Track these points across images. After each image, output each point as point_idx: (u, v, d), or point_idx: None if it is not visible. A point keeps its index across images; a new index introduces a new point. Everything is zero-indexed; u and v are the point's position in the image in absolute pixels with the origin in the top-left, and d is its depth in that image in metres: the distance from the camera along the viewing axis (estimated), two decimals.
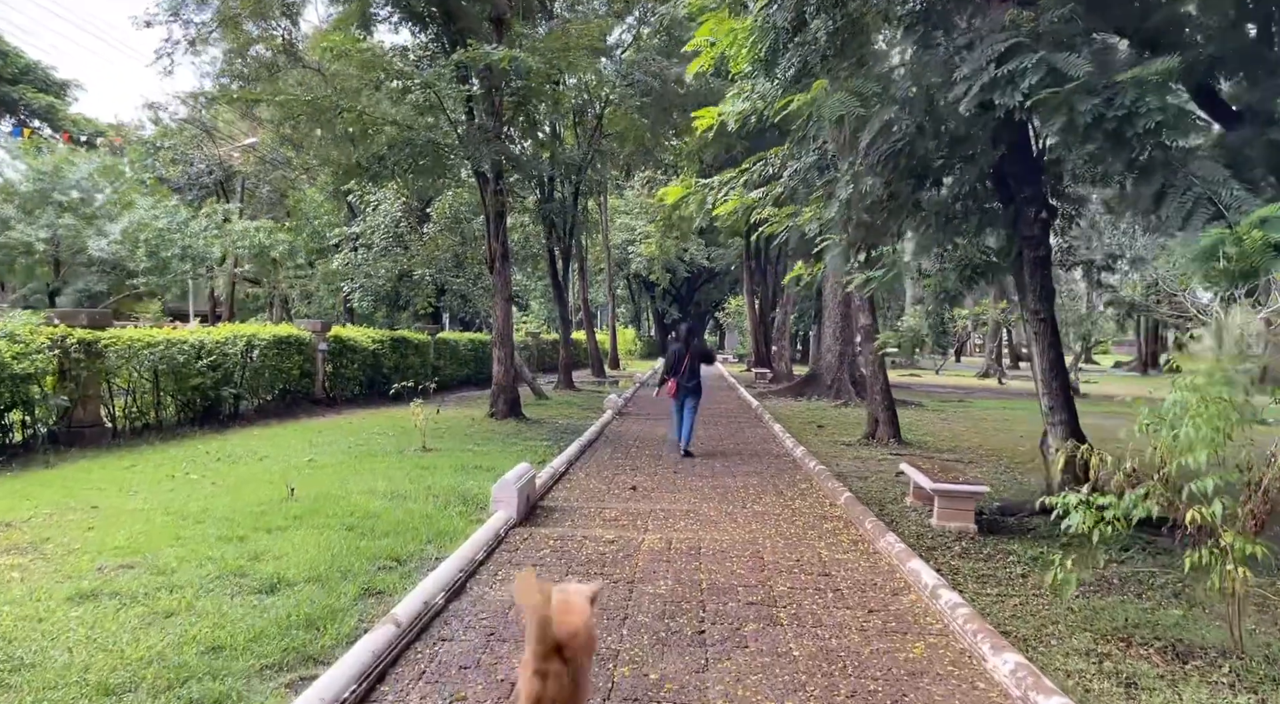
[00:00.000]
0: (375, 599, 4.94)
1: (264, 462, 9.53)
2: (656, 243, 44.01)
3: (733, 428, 15.45)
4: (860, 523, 7.36)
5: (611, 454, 11.59)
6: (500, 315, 14.86)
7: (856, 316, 14.88)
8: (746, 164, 8.17)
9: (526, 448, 11.39)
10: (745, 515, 7.77)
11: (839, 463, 11.27)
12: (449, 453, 10.55)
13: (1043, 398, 8.14)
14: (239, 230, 22.00)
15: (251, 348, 13.66)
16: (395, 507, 7.22)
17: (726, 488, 9.17)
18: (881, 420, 13.93)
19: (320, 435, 11.99)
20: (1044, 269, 7.91)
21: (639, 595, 5.28)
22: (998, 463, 11.86)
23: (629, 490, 8.87)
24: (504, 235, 14.86)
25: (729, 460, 11.27)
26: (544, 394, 19.65)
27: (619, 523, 7.33)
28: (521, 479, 7.38)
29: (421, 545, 6.11)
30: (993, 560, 6.55)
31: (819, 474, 9.88)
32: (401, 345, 19.41)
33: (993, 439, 14.77)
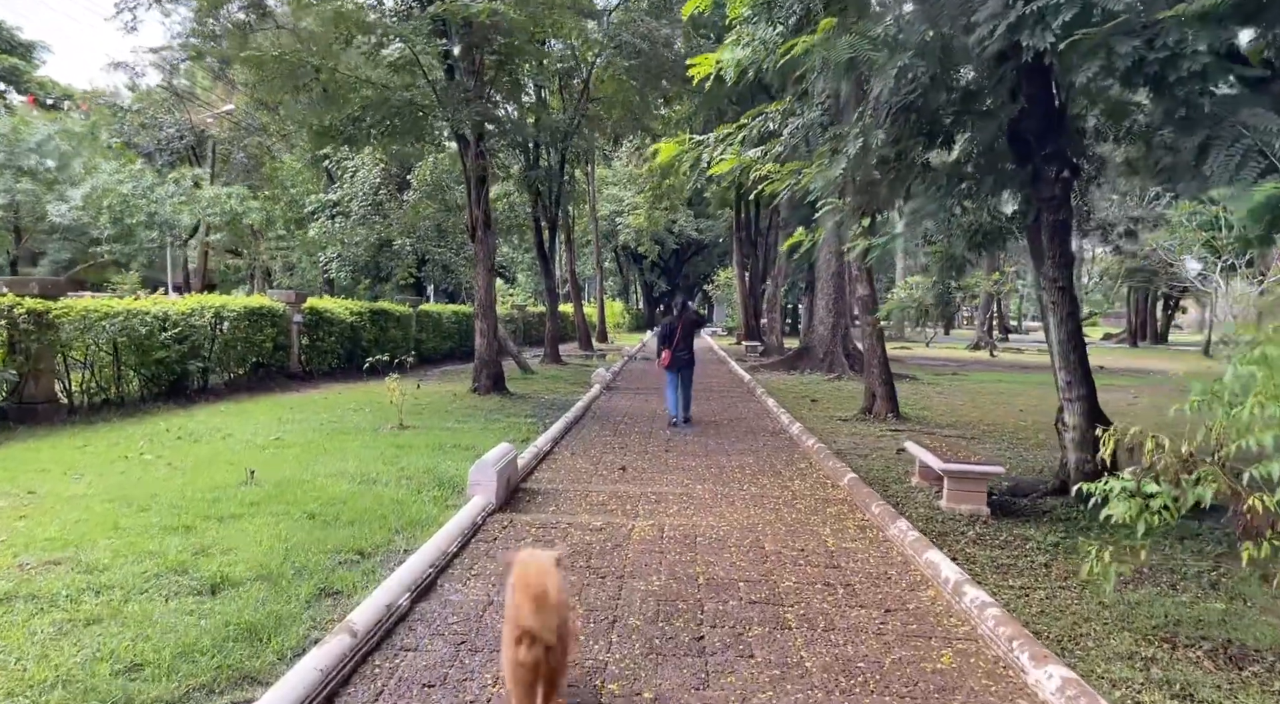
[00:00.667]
0: (332, 601, 4.37)
1: (227, 440, 8.92)
2: (645, 214, 43.27)
3: (725, 403, 14.92)
4: (866, 507, 6.85)
5: (599, 431, 11.04)
6: (482, 286, 14.22)
7: (854, 287, 14.32)
8: (745, 119, 7.56)
9: (509, 425, 10.82)
10: (742, 498, 7.24)
11: (836, 439, 10.76)
12: (427, 431, 9.97)
13: (1059, 372, 7.62)
14: (209, 196, 21.12)
15: (221, 320, 12.99)
16: (364, 491, 6.65)
17: (721, 468, 8.64)
18: (879, 395, 13.42)
19: (292, 412, 11.37)
20: (1064, 234, 7.35)
21: (629, 593, 4.74)
22: (1000, 439, 11.39)
23: (618, 471, 8.33)
24: (486, 202, 14.17)
25: (722, 438, 10.74)
26: (529, 368, 19.06)
27: (607, 508, 6.79)
28: (501, 461, 6.82)
29: (389, 536, 5.55)
30: (1010, 547, 6.04)
31: (818, 452, 9.36)
32: (381, 318, 18.74)
33: (991, 414, 14.31)
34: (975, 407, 15.36)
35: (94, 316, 10.49)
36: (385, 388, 10.28)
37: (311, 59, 11.90)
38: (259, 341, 14.20)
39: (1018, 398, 17.40)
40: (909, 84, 6.61)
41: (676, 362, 11.70)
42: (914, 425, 12.47)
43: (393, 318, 19.33)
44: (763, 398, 15.28)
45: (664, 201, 40.60)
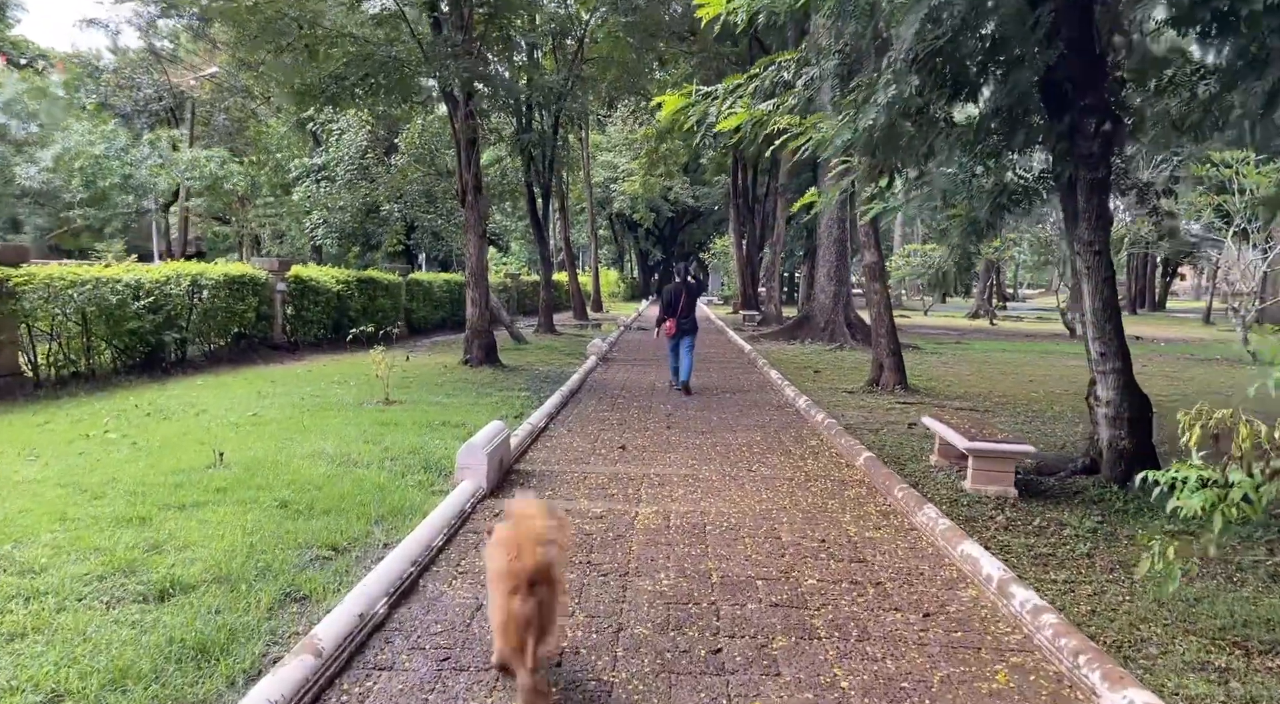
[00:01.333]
0: (298, 608, 3.84)
1: (200, 417, 8.36)
2: (640, 180, 42.47)
3: (726, 375, 14.39)
4: (888, 490, 6.34)
5: (596, 406, 10.50)
6: (473, 253, 13.59)
7: (861, 253, 13.74)
8: (756, 68, 6.93)
9: (502, 400, 10.27)
10: (752, 480, 6.73)
11: (844, 413, 10.26)
12: (414, 406, 9.42)
13: (1093, 343, 7.07)
14: (188, 160, 20.30)
15: (198, 288, 12.36)
16: (342, 475, 6.11)
17: (727, 446, 8.11)
18: (887, 366, 12.90)
19: (273, 385, 10.80)
20: (1102, 193, 6.77)
21: (635, 595, 4.22)
22: (1015, 412, 10.89)
23: (618, 450, 7.80)
24: (476, 165, 13.49)
25: (726, 412, 10.22)
26: (523, 338, 18.48)
27: (608, 492, 6.26)
28: (492, 442, 6.28)
29: (368, 527, 5.01)
30: (1046, 534, 5.55)
31: (828, 428, 8.84)
32: (370, 286, 18.10)
33: (1001, 385, 13.82)
34: (983, 377, 14.88)
35: (59, 284, 9.87)
36: (371, 360, 9.70)
37: (290, 9, 11.16)
38: (240, 311, 13.59)
39: (1025, 368, 16.92)
40: (936, 28, 6.00)
41: (679, 331, 11.70)
42: (923, 398, 11.98)
43: (381, 287, 18.70)
44: (765, 369, 14.75)
45: (660, 168, 39.81)
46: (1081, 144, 6.62)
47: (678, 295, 11.72)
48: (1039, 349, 22.38)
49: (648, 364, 15.71)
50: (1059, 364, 17.91)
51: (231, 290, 13.31)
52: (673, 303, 11.71)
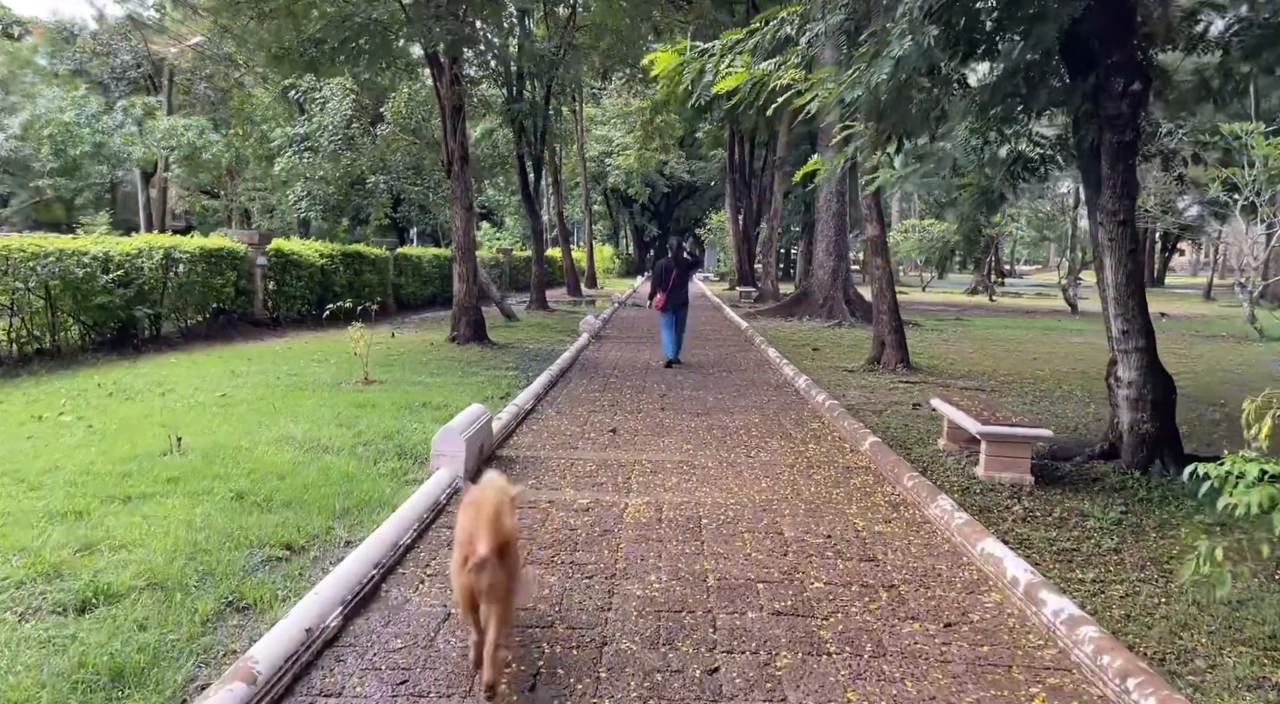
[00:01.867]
0: (239, 620, 3.40)
1: (166, 397, 7.89)
2: (635, 154, 41.74)
3: (722, 353, 13.94)
4: (897, 478, 5.90)
5: (587, 386, 10.05)
6: (460, 226, 13.07)
7: (862, 227, 13.26)
8: (757, 22, 6.41)
9: (488, 379, 9.81)
10: (751, 467, 6.29)
11: (846, 393, 9.83)
12: (395, 386, 8.96)
13: (1114, 320, 6.63)
14: (165, 128, 19.60)
15: (172, 262, 11.83)
16: (309, 462, 5.65)
17: (724, 429, 7.67)
18: (888, 343, 12.46)
19: (249, 363, 10.33)
20: (1128, 157, 6.29)
21: (622, 601, 3.79)
22: (1021, 391, 10.48)
23: (608, 434, 7.35)
24: (463, 134, 12.93)
25: (723, 393, 9.78)
26: (514, 315, 17.99)
27: (595, 480, 5.82)
28: (472, 426, 5.82)
29: (330, 522, 4.57)
30: (1068, 527, 5.13)
31: (830, 410, 8.40)
32: (355, 261, 17.56)
33: (1005, 363, 13.40)
34: (986, 355, 14.45)
35: (19, 257, 9.35)
36: (350, 337, 9.22)
37: None
38: (218, 286, 13.07)
39: (1028, 345, 16.51)
40: None
41: (672, 303, 11.74)
42: (926, 377, 11.56)
43: (368, 261, 18.16)
44: (762, 347, 14.30)
45: (655, 141, 39.09)
46: (1108, 105, 6.13)
47: (669, 269, 11.82)
48: (1040, 326, 21.97)
49: (642, 342, 15.25)
50: (1062, 341, 17.50)
51: (209, 264, 12.79)
52: (664, 277, 11.81)
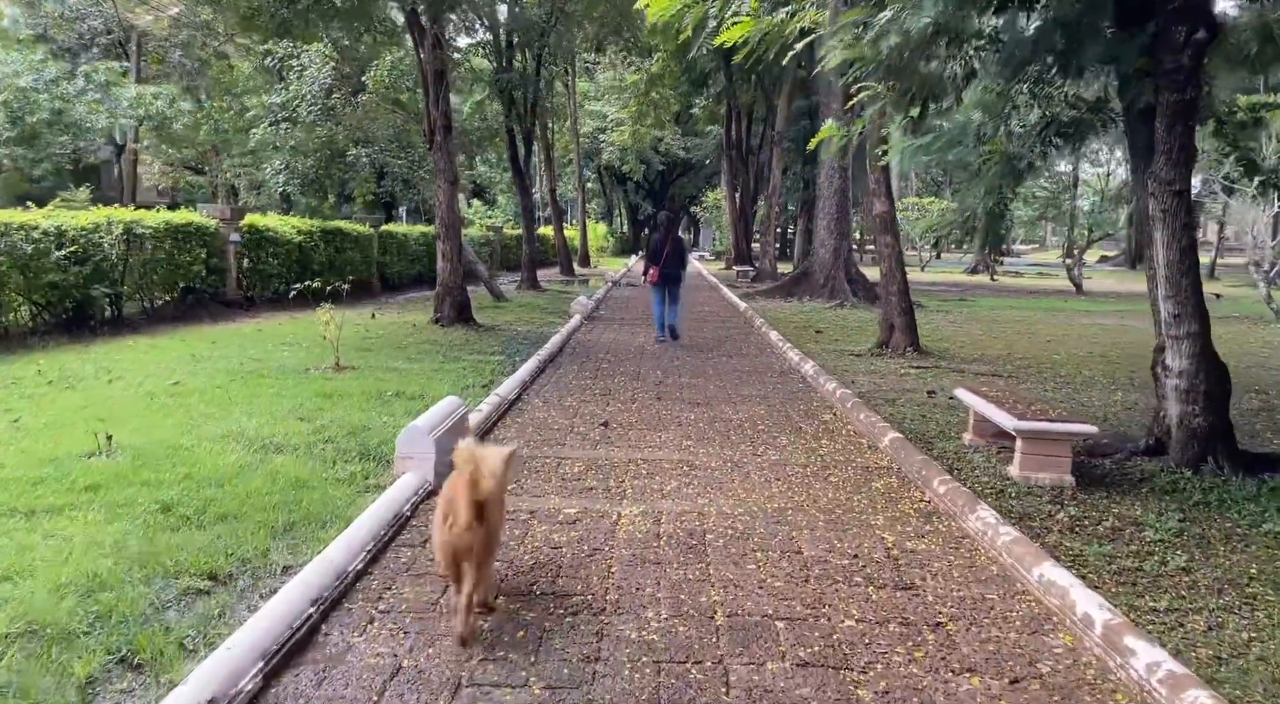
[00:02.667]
0: (128, 682, 2.70)
1: (112, 386, 7.16)
2: (630, 130, 40.78)
3: (722, 336, 13.23)
4: (925, 482, 5.23)
5: (578, 372, 9.34)
6: (443, 200, 12.30)
7: (869, 203, 12.53)
8: None
9: (471, 365, 9.09)
10: (759, 468, 5.60)
11: (855, 380, 9.16)
12: (369, 372, 8.24)
13: (1164, 302, 5.94)
14: (131, 96, 18.64)
15: (134, 237, 11.05)
16: (257, 464, 4.95)
17: (728, 422, 6.98)
18: (898, 326, 11.77)
19: (214, 347, 9.59)
20: (1187, 118, 5.57)
21: (613, 648, 3.10)
22: (1040, 377, 9.83)
23: (599, 428, 6.64)
24: (445, 102, 12.13)
25: (724, 380, 9.08)
26: (502, 296, 17.23)
27: (585, 485, 5.13)
28: (444, 422, 5.12)
29: (268, 542, 3.87)
30: (1123, 539, 4.47)
31: (842, 400, 7.71)
32: (336, 238, 16.74)
33: (1017, 346, 12.74)
34: (997, 338, 13.79)
35: None
36: (317, 319, 8.48)
37: None
38: (185, 264, 12.29)
39: (1038, 327, 15.85)
40: None
41: (665, 278, 11.68)
42: (938, 361, 10.90)
43: (350, 238, 17.35)
44: (763, 330, 13.60)
45: (650, 117, 38.13)
46: (1166, 58, 5.40)
47: (662, 244, 11.84)
48: (1046, 306, 21.32)
49: (636, 323, 14.53)
50: (1073, 322, 16.84)
51: (176, 241, 12.00)
52: (657, 252, 11.80)
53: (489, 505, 3.06)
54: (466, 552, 2.99)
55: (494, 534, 3.18)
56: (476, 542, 3.00)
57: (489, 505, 3.06)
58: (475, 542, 2.99)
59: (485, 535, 3.04)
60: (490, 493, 3.07)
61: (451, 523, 3.00)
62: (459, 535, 2.98)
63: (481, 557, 3.04)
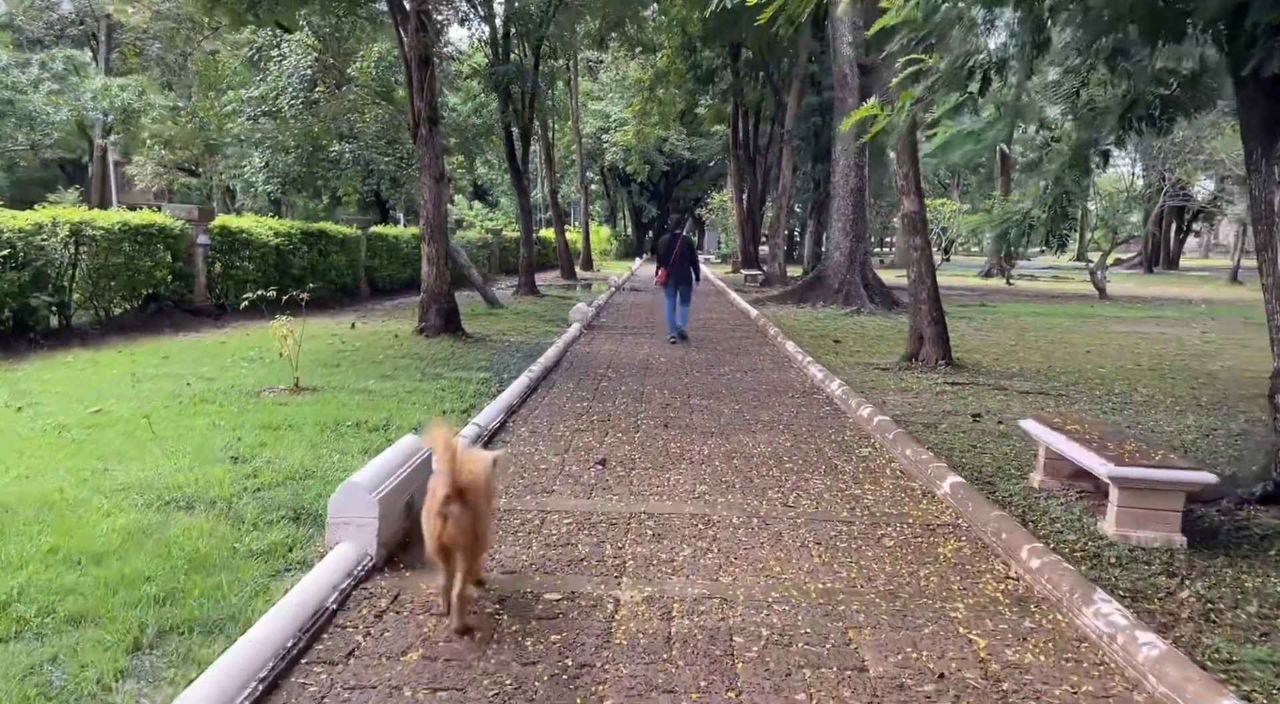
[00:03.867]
0: None
1: (21, 415, 6.07)
2: (634, 130, 39.73)
3: (733, 347, 12.11)
4: (1009, 548, 4.10)
5: (574, 392, 8.23)
6: (428, 199, 11.21)
7: (898, 202, 11.46)
8: None
9: (452, 384, 8.00)
10: (793, 525, 4.49)
11: (885, 399, 8.09)
12: (331, 394, 7.15)
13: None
14: (96, 88, 17.52)
15: (84, 240, 9.98)
16: (154, 528, 3.85)
17: (748, 458, 5.87)
18: (928, 337, 10.67)
19: (163, 363, 8.52)
20: None
21: None
22: (1092, 395, 8.74)
23: (595, 467, 5.54)
24: (431, 92, 11.05)
25: (739, 401, 7.97)
26: (497, 302, 16.13)
27: (573, 553, 4.01)
28: (395, 475, 4.01)
29: (124, 662, 2.77)
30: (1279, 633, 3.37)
31: (880, 430, 6.60)
32: (319, 240, 15.67)
33: (1056, 357, 11.64)
34: (1031, 348, 12.68)
35: None
36: (273, 332, 7.37)
37: None
38: (146, 269, 11.22)
39: (1071, 336, 14.72)
40: None
41: (675, 278, 11.86)
42: (974, 376, 9.81)
43: (335, 241, 16.28)
44: (778, 340, 12.49)
45: (654, 116, 37.05)
46: None
47: (672, 245, 11.96)
48: (1073, 312, 20.14)
49: (640, 332, 13.43)
50: (1107, 330, 15.69)
51: (135, 244, 10.94)
52: (667, 253, 11.94)
53: (470, 490, 3.06)
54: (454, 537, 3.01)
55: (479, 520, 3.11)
56: (463, 526, 3.00)
57: (470, 490, 3.06)
58: (462, 526, 3.00)
59: (471, 520, 3.04)
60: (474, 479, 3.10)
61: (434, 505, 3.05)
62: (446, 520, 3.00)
63: (467, 543, 3.04)
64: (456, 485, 3.02)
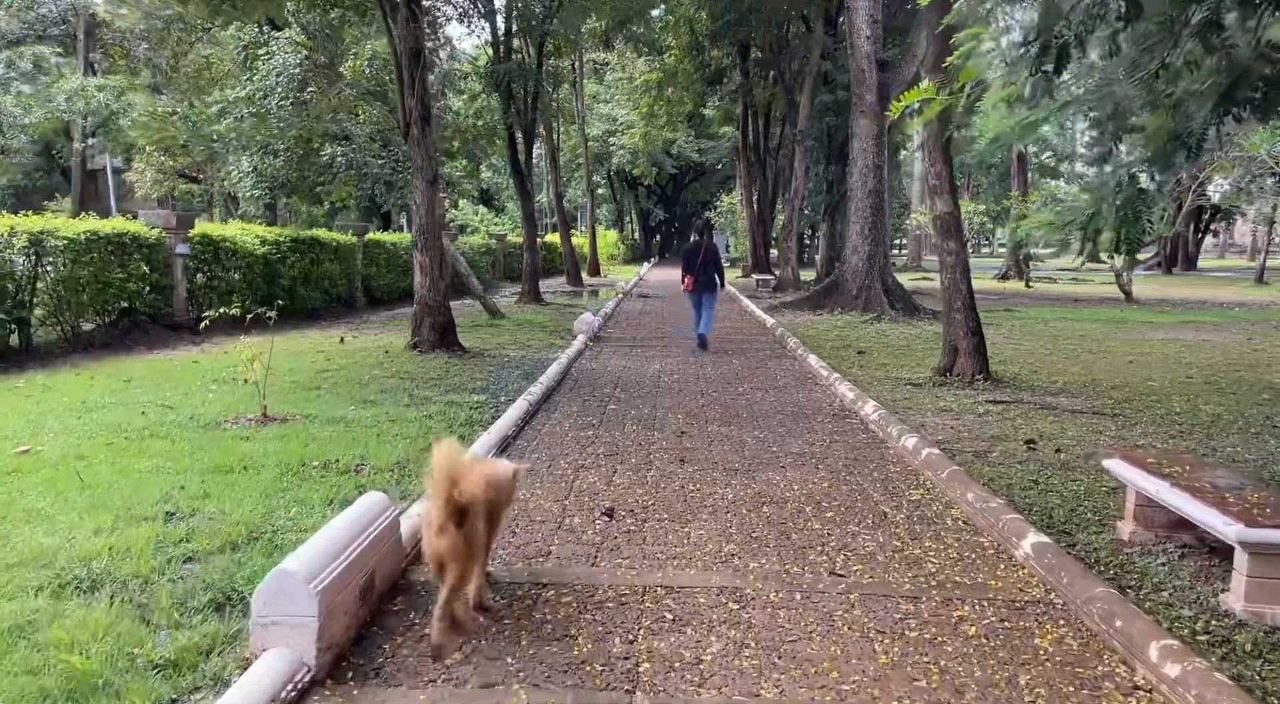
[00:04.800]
0: None
1: None
2: (641, 132, 38.93)
3: (751, 361, 11.24)
4: (1131, 643, 3.20)
5: (577, 418, 7.37)
6: (421, 203, 10.39)
7: (929, 202, 10.60)
8: None
9: (441, 410, 7.16)
10: (845, 605, 3.61)
11: (924, 420, 7.24)
12: (304, 425, 6.32)
13: None
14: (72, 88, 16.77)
15: (46, 251, 9.19)
16: (38, 624, 3.02)
17: (780, 503, 4.99)
18: (963, 349, 9.79)
19: (122, 387, 7.71)
20: None
21: None
22: (1152, 415, 7.89)
23: (600, 518, 4.68)
24: (423, 86, 10.23)
25: (764, 427, 7.10)
26: (498, 311, 15.29)
27: (571, 654, 3.14)
28: (344, 556, 3.14)
29: None
30: None
31: (930, 465, 5.71)
32: (312, 248, 14.86)
33: (1099, 369, 10.74)
34: (1068, 357, 11.78)
35: None
36: (238, 356, 6.55)
37: None
38: (118, 281, 10.43)
39: (1109, 344, 13.80)
40: None
41: (699, 286, 12.05)
42: (1015, 392, 8.97)
43: (328, 249, 15.47)
44: (799, 353, 11.61)
45: (661, 118, 36.23)
46: None
47: (696, 253, 12.10)
48: (1103, 317, 19.15)
49: (650, 343, 12.58)
50: (1145, 338, 14.73)
51: (105, 254, 10.14)
52: (690, 261, 12.09)
53: (468, 509, 3.04)
54: (446, 555, 3.01)
55: (473, 539, 3.08)
56: (455, 546, 3.00)
57: (468, 509, 3.04)
58: (455, 546, 2.99)
59: (465, 540, 3.02)
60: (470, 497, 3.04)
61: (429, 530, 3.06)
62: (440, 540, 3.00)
63: (460, 560, 3.03)
64: (457, 506, 3.00)
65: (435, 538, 3.01)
